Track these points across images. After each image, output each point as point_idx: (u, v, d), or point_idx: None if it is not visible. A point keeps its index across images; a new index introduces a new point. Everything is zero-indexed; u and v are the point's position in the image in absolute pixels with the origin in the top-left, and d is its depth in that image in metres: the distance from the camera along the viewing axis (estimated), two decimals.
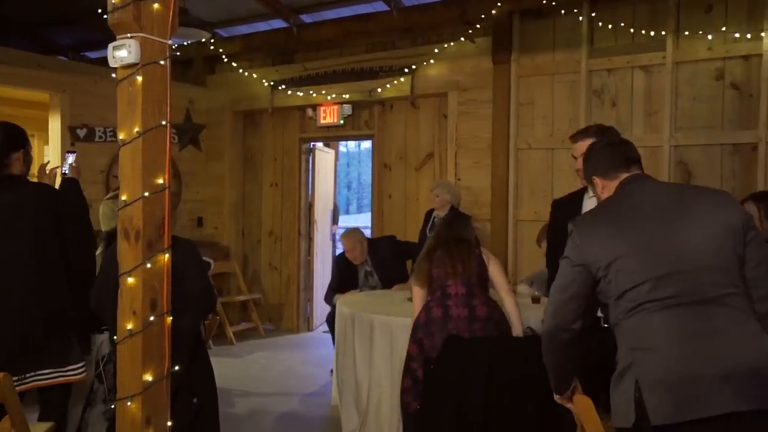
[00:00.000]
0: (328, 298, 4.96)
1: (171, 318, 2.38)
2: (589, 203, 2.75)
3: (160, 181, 2.32)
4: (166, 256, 2.35)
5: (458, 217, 3.71)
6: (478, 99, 5.39)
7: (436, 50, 5.56)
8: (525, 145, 5.23)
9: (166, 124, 2.33)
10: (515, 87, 5.24)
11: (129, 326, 2.30)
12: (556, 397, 2.13)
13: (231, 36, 6.74)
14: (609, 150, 2.10)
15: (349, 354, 3.86)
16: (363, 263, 4.90)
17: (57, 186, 3.03)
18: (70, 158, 3.11)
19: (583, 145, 2.68)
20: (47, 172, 3.03)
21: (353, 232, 4.94)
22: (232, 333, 6.18)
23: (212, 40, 6.60)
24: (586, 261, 1.89)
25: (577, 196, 2.85)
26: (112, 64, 2.28)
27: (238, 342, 6.17)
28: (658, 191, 1.94)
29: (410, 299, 3.57)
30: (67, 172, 3.06)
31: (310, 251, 6.77)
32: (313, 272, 6.79)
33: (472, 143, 5.44)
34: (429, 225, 5.00)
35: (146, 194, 2.27)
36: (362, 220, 16.63)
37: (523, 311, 3.50)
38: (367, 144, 6.82)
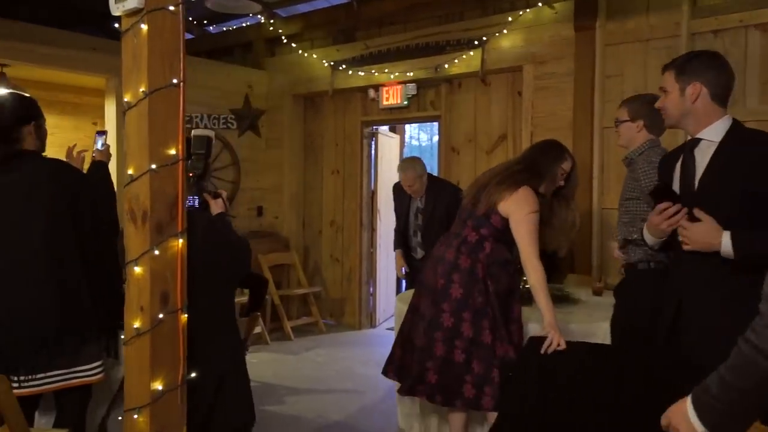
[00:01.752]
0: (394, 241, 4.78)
1: (188, 308, 2.01)
2: (700, 155, 2.09)
3: (173, 151, 1.94)
4: (180, 241, 1.97)
5: (550, 142, 2.95)
6: (557, 72, 4.79)
7: (509, 19, 4.99)
8: (612, 124, 4.57)
9: (178, 84, 1.95)
10: (601, 57, 4.59)
11: (136, 324, 1.94)
12: None
13: (290, 16, 6.42)
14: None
15: None
16: (420, 198, 4.47)
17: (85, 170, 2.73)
18: (100, 140, 2.81)
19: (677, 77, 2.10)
20: (74, 155, 2.74)
21: (412, 165, 4.42)
22: (290, 328, 5.87)
23: (271, 21, 6.31)
24: None
25: (679, 150, 2.24)
26: (113, 11, 1.91)
27: (297, 338, 5.85)
28: None
29: None
30: (95, 155, 2.76)
31: (372, 243, 6.37)
32: (376, 265, 6.38)
33: (550, 122, 4.84)
34: None
35: (153, 167, 1.90)
36: None
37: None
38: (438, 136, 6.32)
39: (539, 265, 2.56)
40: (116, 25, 1.98)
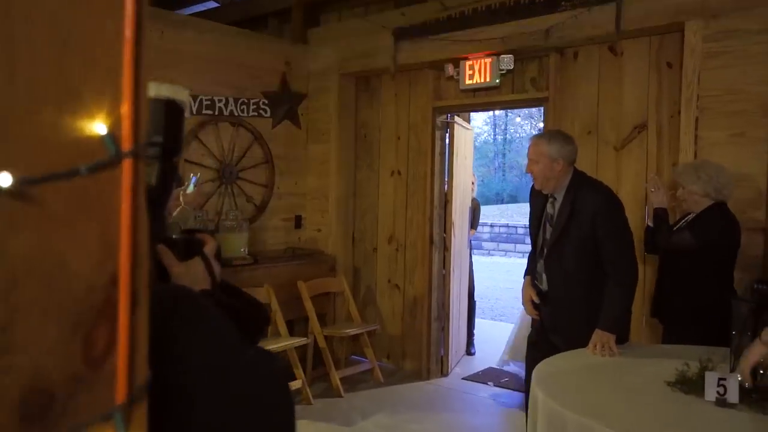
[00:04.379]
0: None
1: None
2: None
3: (98, 127, 0.50)
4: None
5: None
6: (741, 29, 3.28)
7: None
8: None
9: None
10: None
11: None
12: None
13: None
14: None
15: None
16: (551, 195, 2.89)
17: None
18: None
19: None
20: None
21: (546, 137, 2.90)
22: (339, 380, 4.45)
23: None
24: None
25: None
26: None
27: (347, 391, 4.43)
28: None
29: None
30: None
31: (445, 264, 4.92)
32: (449, 294, 4.93)
33: (727, 104, 3.34)
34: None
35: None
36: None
37: None
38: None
39: None
40: None
